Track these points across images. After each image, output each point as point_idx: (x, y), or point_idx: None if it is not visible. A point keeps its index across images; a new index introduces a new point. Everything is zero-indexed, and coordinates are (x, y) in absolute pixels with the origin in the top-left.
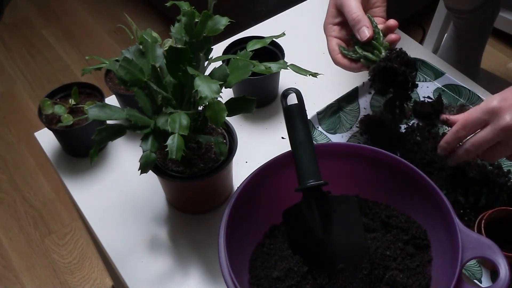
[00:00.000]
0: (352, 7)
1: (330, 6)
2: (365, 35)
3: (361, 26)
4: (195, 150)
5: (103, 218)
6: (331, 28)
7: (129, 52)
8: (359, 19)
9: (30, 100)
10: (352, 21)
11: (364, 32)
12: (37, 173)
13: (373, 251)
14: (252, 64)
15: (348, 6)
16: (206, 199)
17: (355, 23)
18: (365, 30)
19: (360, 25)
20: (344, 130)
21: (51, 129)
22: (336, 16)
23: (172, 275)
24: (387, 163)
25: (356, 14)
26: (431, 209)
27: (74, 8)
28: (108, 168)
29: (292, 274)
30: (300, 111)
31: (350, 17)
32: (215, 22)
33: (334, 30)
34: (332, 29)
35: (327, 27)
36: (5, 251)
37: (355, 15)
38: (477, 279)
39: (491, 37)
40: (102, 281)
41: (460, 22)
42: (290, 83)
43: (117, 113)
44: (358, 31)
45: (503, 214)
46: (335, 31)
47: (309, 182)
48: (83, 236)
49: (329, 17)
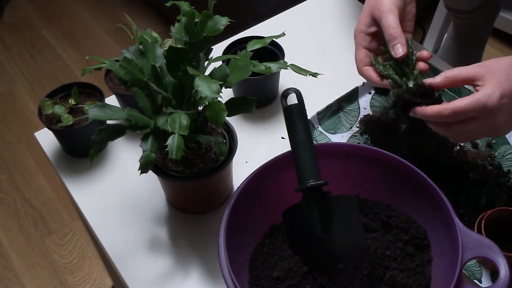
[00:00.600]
0: (391, 23)
1: (364, 13)
2: (399, 52)
3: (396, 43)
4: (195, 150)
5: (103, 218)
6: (363, 38)
7: (129, 52)
8: (396, 36)
9: (30, 100)
10: (389, 36)
11: (399, 49)
12: (37, 173)
13: (373, 251)
14: (252, 64)
15: (387, 20)
16: (206, 199)
17: (392, 39)
18: (400, 48)
19: (396, 41)
20: (344, 130)
21: (51, 129)
22: (370, 25)
23: (172, 275)
24: (387, 163)
25: (394, 30)
26: (431, 209)
27: (74, 8)
28: (108, 168)
29: (292, 274)
30: (300, 111)
31: (387, 32)
32: (215, 22)
33: (365, 40)
34: (364, 39)
35: (359, 35)
36: (5, 251)
37: (393, 31)
38: (477, 279)
39: (491, 37)
40: (102, 281)
41: (460, 22)
42: (290, 83)
43: (117, 113)
44: (393, 47)
45: (503, 214)
46: (366, 41)
47: (309, 182)
48: (83, 236)
49: (363, 24)
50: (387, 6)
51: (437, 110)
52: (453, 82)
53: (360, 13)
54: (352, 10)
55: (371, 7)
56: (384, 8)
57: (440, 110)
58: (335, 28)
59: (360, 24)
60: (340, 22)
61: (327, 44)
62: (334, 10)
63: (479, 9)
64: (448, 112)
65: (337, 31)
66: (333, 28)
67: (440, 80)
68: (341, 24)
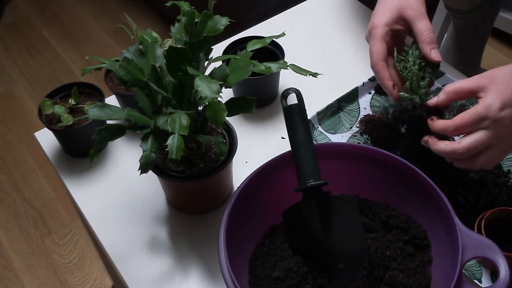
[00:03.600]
0: (429, 26)
1: (390, 8)
2: (438, 57)
3: (435, 46)
4: (195, 150)
5: (103, 218)
6: (387, 32)
7: (129, 52)
8: (434, 40)
9: (30, 100)
10: (428, 39)
11: (437, 54)
12: (37, 173)
13: (373, 251)
14: (252, 64)
15: (426, 23)
16: (206, 199)
17: (431, 42)
18: (438, 53)
19: (435, 45)
20: (344, 130)
21: (51, 129)
22: (396, 21)
23: (172, 275)
24: (387, 163)
25: (433, 34)
26: (431, 209)
27: (74, 8)
28: (108, 168)
29: (292, 274)
30: (300, 111)
31: (426, 34)
32: (215, 22)
33: (388, 34)
34: (387, 33)
35: (382, 27)
36: (5, 251)
37: (432, 35)
38: (477, 279)
39: (491, 37)
40: (102, 281)
41: (460, 22)
42: (290, 83)
43: (117, 113)
44: (431, 50)
45: (503, 214)
46: (388, 35)
47: (309, 182)
48: (83, 236)
49: (389, 18)
50: (422, 9)
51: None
52: (457, 96)
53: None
54: (352, 10)
55: (402, 4)
56: (421, 9)
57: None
58: (335, 28)
59: (384, 17)
60: (340, 22)
61: (327, 44)
62: (334, 10)
63: (479, 9)
64: (452, 129)
65: (337, 31)
66: (333, 28)
67: (443, 98)
68: (341, 24)
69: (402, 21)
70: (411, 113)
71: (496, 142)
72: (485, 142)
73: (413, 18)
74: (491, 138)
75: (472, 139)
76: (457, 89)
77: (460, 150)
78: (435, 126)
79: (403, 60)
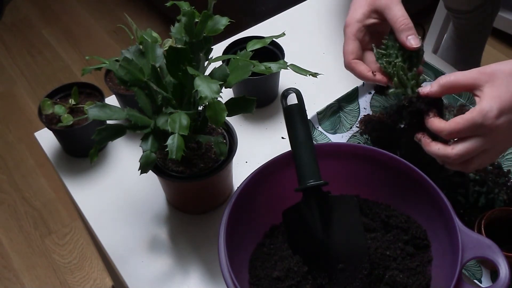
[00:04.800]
0: (402, 13)
1: (362, 3)
2: (415, 43)
3: (411, 33)
4: (195, 150)
5: (103, 218)
6: (359, 28)
7: (129, 52)
8: (411, 26)
9: (30, 100)
10: (401, 26)
11: (414, 40)
12: (37, 173)
13: (373, 251)
14: (252, 64)
15: (398, 11)
16: (206, 199)
17: (406, 29)
18: (414, 38)
19: (410, 31)
20: (344, 130)
21: (51, 129)
22: (369, 16)
23: (172, 275)
24: (387, 163)
25: (407, 20)
26: (431, 209)
27: (74, 8)
28: (108, 168)
29: (292, 274)
30: (300, 111)
31: (399, 22)
32: (215, 22)
33: (360, 31)
34: (359, 30)
35: (353, 24)
36: (5, 251)
37: (406, 21)
38: (477, 279)
39: (491, 37)
40: (102, 281)
41: (460, 22)
42: (290, 83)
43: (117, 113)
44: (407, 37)
45: (503, 214)
46: (361, 32)
47: (309, 182)
48: (83, 236)
49: (359, 14)
50: None
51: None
52: (451, 89)
53: (351, 4)
54: None
55: None
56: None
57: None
58: (335, 28)
59: (356, 13)
60: (340, 22)
61: (327, 44)
62: (334, 10)
63: (479, 9)
64: (445, 133)
65: (337, 31)
66: (333, 28)
67: (436, 89)
68: (341, 24)
69: (375, 14)
70: (410, 109)
71: (491, 146)
72: (479, 149)
73: (385, 7)
74: (486, 144)
75: (466, 146)
76: (452, 82)
77: (453, 156)
78: (430, 124)
79: (384, 55)
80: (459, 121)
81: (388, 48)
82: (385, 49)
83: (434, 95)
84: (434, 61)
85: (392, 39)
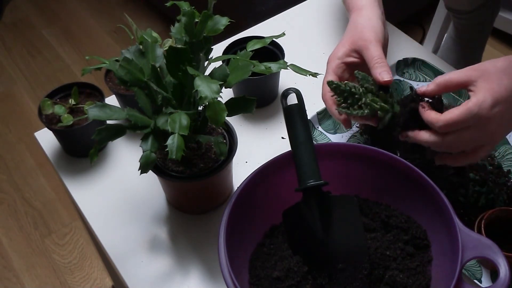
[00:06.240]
0: (378, 53)
1: (344, 42)
2: (386, 77)
3: (384, 70)
4: (195, 150)
5: (103, 218)
6: (338, 65)
7: (129, 52)
8: (384, 64)
9: (30, 100)
10: (376, 64)
11: (386, 74)
12: (37, 173)
13: (373, 251)
14: (252, 64)
15: (374, 51)
16: (206, 199)
17: (379, 67)
18: (386, 73)
19: (383, 69)
20: (344, 130)
21: (51, 129)
22: (349, 55)
23: (172, 275)
24: (387, 163)
25: (382, 59)
26: (431, 209)
27: (74, 8)
28: (108, 168)
29: (292, 274)
30: (300, 111)
31: (374, 61)
32: (215, 22)
33: (340, 68)
34: (339, 66)
35: (334, 61)
36: (5, 251)
37: (380, 60)
38: (477, 279)
39: (491, 37)
40: (102, 281)
41: (460, 22)
42: (290, 83)
43: (117, 113)
44: (380, 73)
45: (503, 214)
46: (340, 69)
47: (309, 182)
48: (83, 236)
49: (341, 52)
50: (372, 36)
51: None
52: (446, 88)
53: (339, 41)
54: None
55: (353, 37)
56: (370, 38)
57: (432, 122)
58: (335, 28)
59: (338, 51)
60: (340, 22)
61: (327, 44)
62: (334, 10)
63: (479, 9)
64: (440, 124)
65: (337, 31)
66: (333, 28)
67: (433, 88)
68: (341, 24)
69: (355, 53)
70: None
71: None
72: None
73: (363, 48)
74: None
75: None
76: (447, 80)
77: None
78: (425, 116)
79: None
80: (454, 111)
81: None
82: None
83: (431, 93)
84: (434, 61)
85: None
